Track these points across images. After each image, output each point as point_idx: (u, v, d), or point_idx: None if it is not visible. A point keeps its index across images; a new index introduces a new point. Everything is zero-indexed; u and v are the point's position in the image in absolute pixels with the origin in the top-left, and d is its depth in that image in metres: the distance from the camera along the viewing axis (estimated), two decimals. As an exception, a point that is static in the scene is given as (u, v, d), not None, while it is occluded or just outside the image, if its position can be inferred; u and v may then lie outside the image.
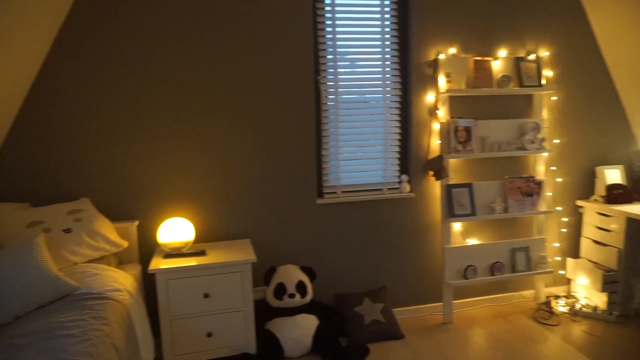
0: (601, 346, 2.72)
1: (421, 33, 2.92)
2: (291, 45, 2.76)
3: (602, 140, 3.36)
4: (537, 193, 3.09)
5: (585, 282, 3.19)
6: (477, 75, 2.96)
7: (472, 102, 3.06)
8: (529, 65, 3.06)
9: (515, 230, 3.26)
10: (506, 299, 3.34)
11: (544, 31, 3.13)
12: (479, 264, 3.08)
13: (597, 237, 3.19)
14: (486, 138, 3.00)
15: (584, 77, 3.26)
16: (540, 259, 3.16)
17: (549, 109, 3.20)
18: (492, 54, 3.06)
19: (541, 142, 3.07)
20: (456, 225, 3.13)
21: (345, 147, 2.97)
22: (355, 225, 3.02)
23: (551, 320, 3.07)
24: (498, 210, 3.03)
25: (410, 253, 3.12)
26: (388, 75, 2.97)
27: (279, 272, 2.75)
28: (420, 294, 3.18)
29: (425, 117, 3.01)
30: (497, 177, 3.15)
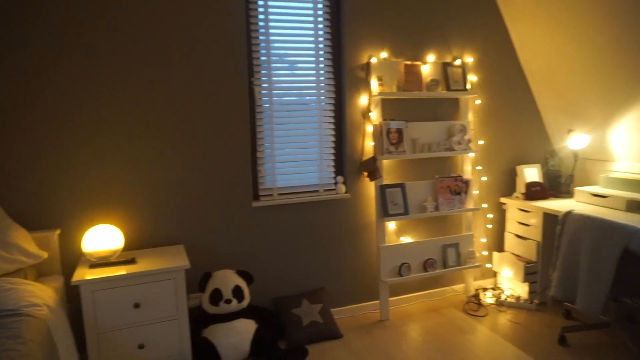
0: (523, 333, 2.91)
1: (353, 37, 2.98)
2: (223, 46, 2.71)
3: (522, 141, 3.61)
4: (464, 191, 3.25)
5: (509, 274, 3.40)
6: (408, 78, 3.07)
7: (403, 104, 3.17)
8: (455, 70, 3.22)
9: (446, 227, 3.41)
10: (439, 293, 3.49)
11: (468, 39, 3.31)
12: (413, 261, 3.19)
13: (519, 231, 3.41)
14: (417, 139, 3.11)
15: (504, 83, 3.48)
16: (469, 254, 3.33)
17: (474, 111, 3.38)
18: (421, 59, 3.18)
19: (468, 143, 3.24)
20: (391, 224, 3.22)
21: (281, 149, 2.96)
22: (292, 227, 3.01)
23: (480, 311, 3.24)
24: (429, 208, 3.16)
25: (347, 253, 3.17)
26: (322, 78, 3.00)
27: (214, 277, 2.68)
28: (358, 293, 3.24)
29: (359, 119, 3.07)
30: (428, 177, 3.28)
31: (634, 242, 2.36)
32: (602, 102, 3.18)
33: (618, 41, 2.81)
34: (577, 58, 3.13)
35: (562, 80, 3.34)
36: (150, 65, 2.58)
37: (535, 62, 3.45)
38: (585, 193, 3.26)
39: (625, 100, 3.02)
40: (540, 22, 3.19)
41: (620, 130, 3.18)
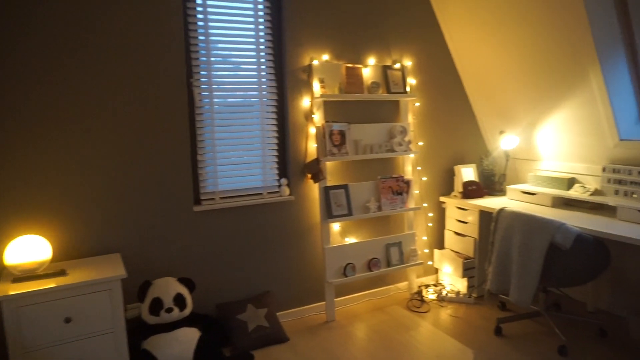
0: (462, 326, 3.03)
1: (295, 39, 2.98)
2: (160, 45, 2.61)
3: (458, 142, 3.76)
4: (406, 191, 3.34)
5: (449, 270, 3.53)
6: (349, 81, 3.11)
7: (345, 106, 3.21)
8: (395, 73, 3.31)
9: (389, 226, 3.49)
10: (384, 292, 3.55)
11: (407, 43, 3.41)
12: (357, 262, 3.23)
13: (458, 228, 3.55)
14: (359, 141, 3.16)
15: (441, 86, 3.62)
16: (411, 253, 3.42)
17: (413, 114, 3.49)
18: (362, 62, 3.24)
19: (408, 145, 3.33)
20: (335, 225, 3.24)
21: (222, 151, 2.89)
22: (236, 231, 2.96)
23: (422, 307, 3.33)
24: (372, 209, 3.21)
25: (292, 255, 3.16)
26: (264, 79, 2.97)
27: (154, 286, 2.57)
28: (304, 295, 3.23)
29: (302, 121, 3.07)
30: (371, 178, 3.34)
31: (559, 236, 2.53)
32: (529, 105, 3.38)
33: (543, 49, 3.00)
34: (506, 64, 3.31)
35: (493, 84, 3.53)
36: (80, 65, 2.44)
37: (469, 67, 3.61)
38: (516, 191, 3.45)
39: (549, 104, 3.23)
40: (472, 29, 3.35)
41: (545, 132, 3.40)
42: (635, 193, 2.85)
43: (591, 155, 3.17)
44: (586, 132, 3.10)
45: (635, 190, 2.85)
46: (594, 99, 2.91)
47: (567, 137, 3.26)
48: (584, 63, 2.82)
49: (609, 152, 3.04)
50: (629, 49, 2.80)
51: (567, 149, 3.31)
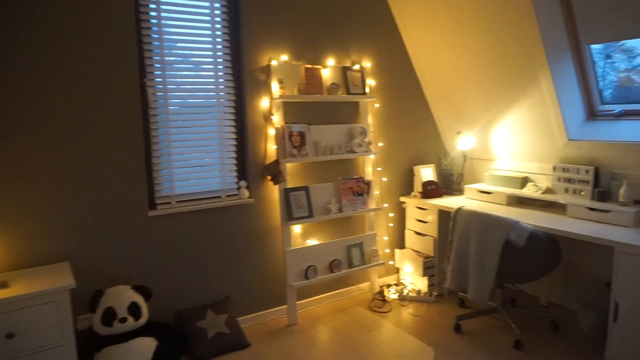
0: (423, 324, 3.07)
1: (253, 39, 2.93)
2: (109, 42, 2.50)
3: (418, 142, 3.82)
4: (366, 192, 3.35)
5: (410, 270, 3.57)
6: (309, 82, 3.08)
7: (304, 107, 3.18)
8: (354, 74, 3.31)
9: (350, 228, 3.49)
10: (346, 293, 3.55)
11: (366, 44, 3.42)
12: (319, 263, 3.21)
13: (418, 228, 3.60)
14: (319, 142, 3.14)
15: (400, 87, 3.66)
16: (372, 253, 3.44)
17: (373, 115, 3.51)
18: (321, 63, 3.22)
19: (368, 145, 3.34)
20: (296, 227, 3.21)
21: (179, 154, 2.81)
22: (194, 236, 2.87)
23: (384, 307, 3.35)
24: (333, 210, 3.20)
25: (252, 259, 3.10)
26: (222, 80, 2.90)
27: (107, 295, 2.46)
28: (265, 299, 3.18)
29: (261, 122, 3.02)
30: (331, 179, 3.33)
31: (513, 234, 2.60)
32: (484, 107, 3.47)
33: (496, 52, 3.09)
34: (462, 66, 3.39)
35: (449, 85, 3.60)
36: (20, 62, 2.29)
37: (426, 69, 3.67)
38: (474, 190, 3.53)
39: (502, 106, 3.33)
40: (428, 31, 3.40)
41: (500, 132, 3.50)
42: (583, 191, 2.98)
43: (543, 155, 3.29)
44: (537, 133, 3.21)
45: (583, 188, 2.98)
46: (544, 101, 3.01)
47: (520, 138, 3.37)
48: (535, 66, 2.92)
49: (558, 152, 3.16)
50: (576, 53, 2.92)
51: (521, 149, 3.42)
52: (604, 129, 2.96)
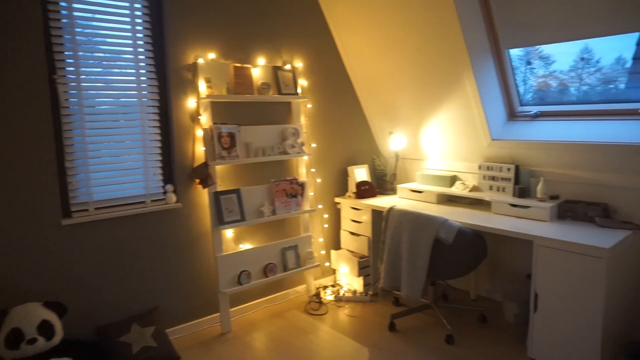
0: (359, 325, 3.07)
1: (177, 35, 2.79)
2: (11, 34, 2.26)
3: (351, 143, 3.83)
4: (300, 194, 3.30)
5: (346, 270, 3.57)
6: (238, 81, 2.99)
7: (234, 108, 3.08)
8: (286, 74, 3.26)
9: (285, 230, 3.43)
10: (282, 297, 3.48)
11: (297, 44, 3.38)
12: (252, 268, 3.12)
13: (353, 228, 3.61)
14: (250, 143, 3.05)
15: (333, 88, 3.65)
16: (308, 255, 3.39)
17: (305, 115, 3.47)
18: (251, 62, 3.14)
19: (301, 147, 3.30)
20: (228, 232, 3.10)
21: (96, 157, 2.60)
22: (117, 244, 2.68)
23: (320, 310, 3.32)
24: (267, 213, 3.12)
25: (182, 267, 2.95)
26: (144, 78, 2.73)
27: (11, 315, 2.22)
28: (197, 307, 3.04)
29: (188, 123, 2.88)
30: (264, 181, 3.25)
31: (442, 232, 2.66)
32: (413, 108, 3.55)
33: (423, 54, 3.16)
34: (391, 67, 3.44)
35: (380, 86, 3.65)
36: None
37: (358, 70, 3.70)
38: (406, 189, 3.60)
39: (431, 106, 3.42)
40: (358, 33, 3.42)
41: (429, 133, 3.59)
42: (505, 188, 3.12)
43: (469, 155, 3.41)
44: (464, 133, 3.33)
45: (505, 185, 3.12)
46: (469, 103, 3.13)
47: (448, 138, 3.48)
48: (459, 69, 3.01)
49: (483, 151, 3.30)
50: (497, 57, 3.06)
51: (449, 149, 3.53)
52: (522, 129, 3.12)
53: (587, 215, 2.72)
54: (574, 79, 2.93)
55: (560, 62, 2.94)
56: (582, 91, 2.93)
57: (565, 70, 2.96)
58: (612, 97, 2.81)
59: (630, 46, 2.66)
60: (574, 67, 2.90)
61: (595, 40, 2.75)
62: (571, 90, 2.99)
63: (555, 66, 3.00)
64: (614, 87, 2.79)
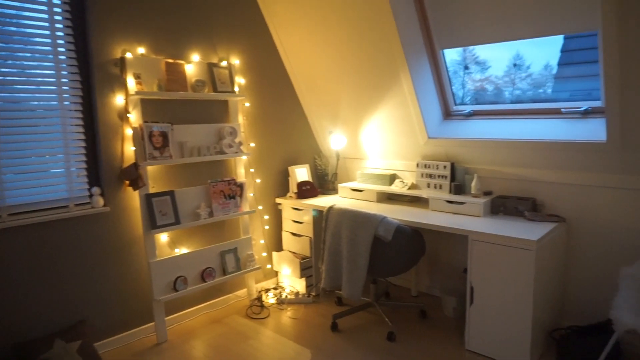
0: (301, 327, 3.02)
1: (102, 28, 2.61)
2: None
3: (292, 142, 3.78)
4: (239, 195, 3.21)
5: (288, 272, 3.51)
6: (170, 78, 2.85)
7: (167, 106, 2.93)
8: (222, 71, 3.15)
9: (224, 233, 3.31)
10: (222, 302, 3.36)
11: (233, 41, 3.28)
12: (189, 273, 2.98)
13: (294, 229, 3.55)
14: (185, 143, 2.92)
15: (272, 86, 3.58)
16: (248, 258, 3.30)
17: (243, 114, 3.38)
18: (184, 58, 3.00)
19: (239, 146, 3.20)
20: (162, 236, 2.94)
21: (9, 158, 2.37)
22: (37, 254, 2.45)
23: (262, 313, 3.24)
24: (203, 215, 3.00)
25: (112, 275, 2.76)
26: (65, 72, 2.53)
27: None
28: (129, 317, 2.86)
29: (116, 121, 2.71)
30: (200, 182, 3.12)
31: (381, 229, 2.67)
32: (353, 106, 3.56)
33: (361, 53, 3.17)
34: (330, 65, 3.43)
35: (320, 85, 3.63)
36: None
37: (297, 68, 3.65)
38: (347, 189, 3.60)
39: (370, 105, 3.44)
40: (297, 31, 3.38)
41: (368, 131, 3.62)
42: (442, 185, 3.19)
43: (407, 153, 3.47)
44: (402, 132, 3.38)
45: (442, 182, 3.19)
46: (406, 101, 3.17)
47: (387, 137, 3.52)
48: (396, 68, 3.05)
49: (420, 150, 3.36)
50: (432, 57, 3.12)
51: (388, 148, 3.57)
52: (457, 128, 3.20)
53: (517, 209, 2.83)
54: (508, 83, 3.06)
55: (495, 67, 3.06)
56: (515, 95, 3.07)
57: (500, 75, 3.09)
58: (542, 100, 2.96)
59: (557, 53, 2.82)
60: (508, 73, 3.03)
61: (526, 48, 2.90)
62: (505, 94, 3.12)
63: (490, 71, 3.12)
64: (543, 92, 2.95)
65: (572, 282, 2.80)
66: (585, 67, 2.74)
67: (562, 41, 2.77)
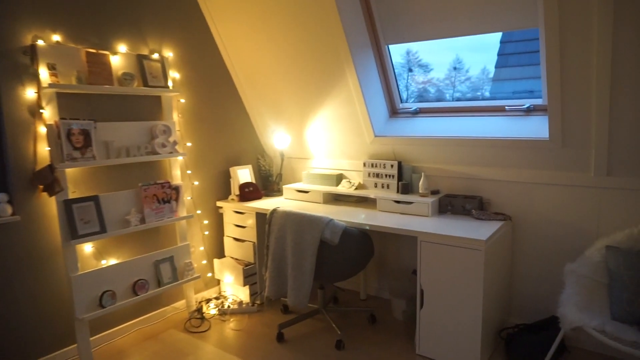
0: (245, 339, 2.81)
1: (5, 10, 2.27)
2: None
3: (233, 141, 3.56)
4: (175, 199, 2.95)
5: (231, 280, 3.29)
6: (93, 70, 2.55)
7: (89, 101, 2.63)
8: (153, 64, 2.88)
9: (159, 241, 3.04)
10: (158, 315, 3.08)
11: (166, 32, 3.02)
12: (118, 287, 2.69)
13: (236, 234, 3.34)
14: (111, 142, 2.63)
15: (210, 81, 3.35)
16: (186, 266, 3.05)
17: (179, 111, 3.12)
18: (109, 48, 2.71)
19: (174, 146, 2.94)
20: (86, 247, 2.64)
21: None
22: None
23: (202, 326, 3.00)
24: (134, 222, 2.72)
25: (25, 293, 2.42)
26: (-39, 61, 2.18)
27: None
28: (47, 340, 2.52)
29: (27, 118, 2.38)
30: (130, 186, 2.84)
31: (327, 232, 2.52)
32: (298, 104, 3.40)
33: (305, 48, 3.02)
34: (273, 62, 3.25)
35: (262, 81, 3.44)
36: None
37: (238, 63, 3.44)
38: (292, 190, 3.43)
39: (315, 103, 3.30)
40: (237, 25, 3.18)
41: (314, 130, 3.47)
42: (390, 185, 3.11)
43: (354, 152, 3.35)
44: (348, 130, 3.26)
45: (389, 182, 3.10)
46: (352, 98, 3.06)
47: (332, 135, 3.39)
48: (341, 63, 2.93)
49: (367, 148, 3.26)
50: (377, 52, 3.03)
51: (334, 147, 3.45)
52: (403, 126, 3.13)
53: (464, 208, 2.79)
54: (449, 85, 3.05)
55: (437, 70, 3.05)
56: (456, 97, 3.09)
57: (442, 77, 3.09)
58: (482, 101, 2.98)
59: (494, 57, 2.86)
60: (449, 75, 3.02)
61: (466, 52, 2.92)
62: (446, 96, 3.14)
63: (433, 73, 3.11)
64: (481, 95, 2.97)
65: (517, 280, 2.80)
66: (521, 70, 2.80)
67: (499, 45, 2.81)
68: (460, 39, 2.76)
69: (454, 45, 2.91)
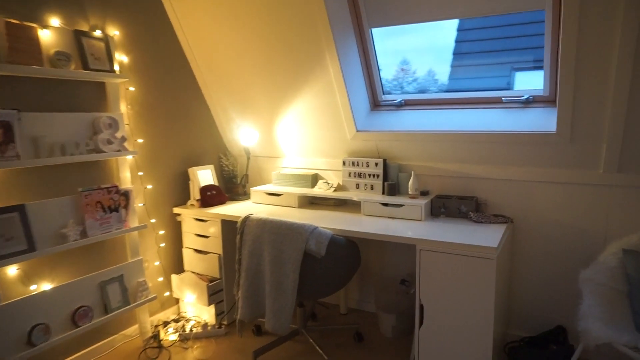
0: (213, 371, 2.38)
1: None
2: None
3: (191, 138, 3.09)
4: (124, 206, 2.46)
5: (192, 299, 2.83)
6: (14, 45, 2.02)
7: (11, 85, 2.09)
8: (96, 43, 2.38)
9: (104, 257, 2.53)
10: (105, 346, 2.57)
11: (111, 5, 2.52)
12: (53, 318, 2.17)
13: (198, 245, 2.88)
14: (41, 138, 2.11)
15: (164, 67, 2.87)
16: (139, 286, 2.56)
17: (127, 101, 2.62)
18: (38, 20, 2.18)
19: (122, 143, 2.45)
20: (10, 269, 2.10)
21: None
22: None
23: (160, 356, 2.53)
24: (72, 236, 2.21)
25: None
26: None
27: None
28: (-43, 392, 1.97)
29: None
30: (67, 192, 2.31)
31: (312, 243, 2.15)
32: (268, 95, 3.00)
33: (280, 32, 2.62)
34: (239, 46, 2.83)
35: (226, 69, 3.00)
36: None
37: (197, 48, 2.98)
38: (261, 193, 3.02)
39: (288, 94, 2.91)
40: (199, 3, 2.72)
41: (285, 125, 3.08)
42: (374, 185, 2.78)
43: (331, 149, 3.00)
44: (325, 124, 2.90)
45: (374, 182, 2.78)
46: (332, 88, 2.70)
47: (307, 130, 3.01)
48: (322, 48, 2.56)
49: (347, 145, 2.92)
50: (360, 37, 2.69)
51: (308, 143, 3.07)
52: (387, 119, 2.82)
53: (460, 210, 2.51)
54: (396, 87, 2.82)
55: (385, 71, 2.84)
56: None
57: (390, 79, 2.85)
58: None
59: (443, 60, 2.72)
60: (396, 77, 2.86)
61: (413, 54, 2.75)
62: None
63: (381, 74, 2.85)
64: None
65: (517, 288, 2.56)
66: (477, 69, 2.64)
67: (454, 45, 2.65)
68: (411, 39, 2.62)
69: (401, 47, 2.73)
